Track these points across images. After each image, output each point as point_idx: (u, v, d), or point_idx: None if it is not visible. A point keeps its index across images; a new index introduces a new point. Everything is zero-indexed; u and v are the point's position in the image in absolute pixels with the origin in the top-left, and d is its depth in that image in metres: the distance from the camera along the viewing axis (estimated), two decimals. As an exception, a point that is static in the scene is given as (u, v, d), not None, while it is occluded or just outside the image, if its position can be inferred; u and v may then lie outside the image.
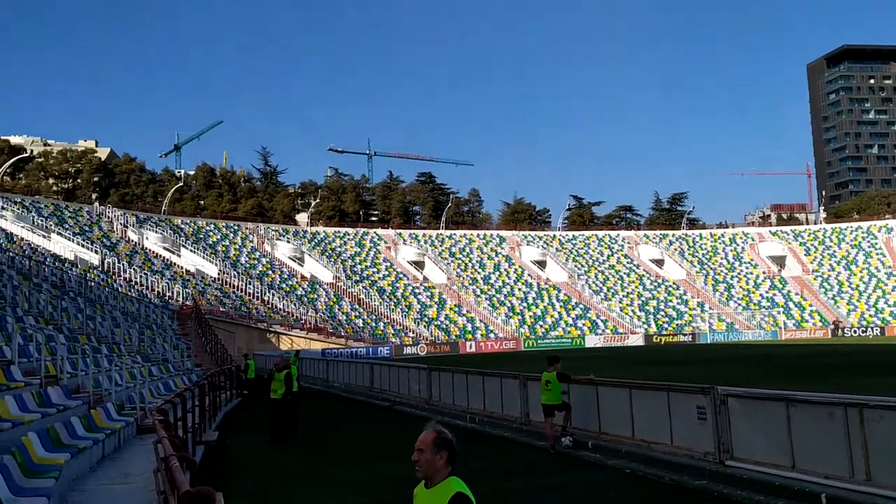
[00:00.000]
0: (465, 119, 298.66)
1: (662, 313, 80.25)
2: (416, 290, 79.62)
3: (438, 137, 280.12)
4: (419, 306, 75.94)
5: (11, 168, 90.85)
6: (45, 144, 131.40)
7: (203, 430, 15.46)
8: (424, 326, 71.30)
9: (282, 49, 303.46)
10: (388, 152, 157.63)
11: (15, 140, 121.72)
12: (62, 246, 58.33)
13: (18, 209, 62.92)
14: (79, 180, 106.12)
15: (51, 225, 62.31)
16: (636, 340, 71.27)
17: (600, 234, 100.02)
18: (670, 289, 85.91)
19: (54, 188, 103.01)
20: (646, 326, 76.69)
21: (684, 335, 73.78)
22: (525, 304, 79.53)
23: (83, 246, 60.39)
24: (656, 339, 72.13)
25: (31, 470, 8.16)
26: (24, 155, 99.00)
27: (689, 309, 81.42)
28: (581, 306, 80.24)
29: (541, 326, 75.19)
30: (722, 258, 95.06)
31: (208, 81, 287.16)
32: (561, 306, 79.83)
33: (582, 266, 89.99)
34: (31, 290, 28.44)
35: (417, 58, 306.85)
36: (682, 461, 11.44)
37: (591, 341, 70.60)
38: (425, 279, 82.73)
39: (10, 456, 7.80)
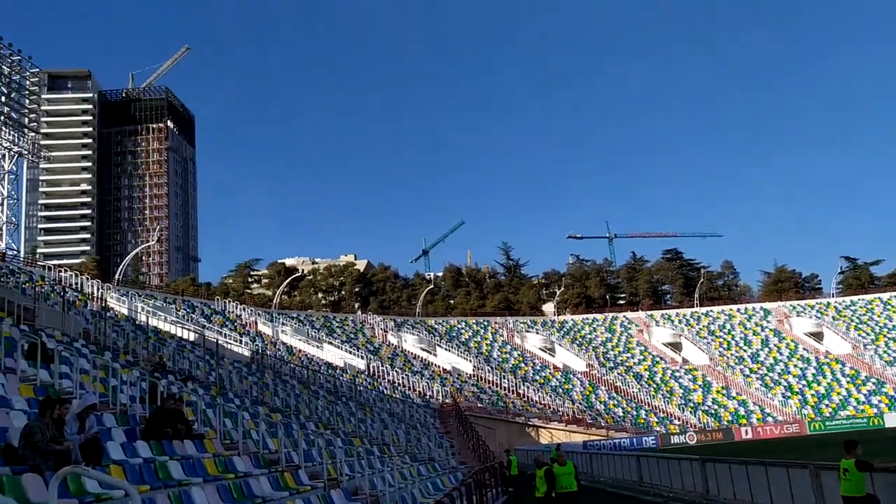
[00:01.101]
0: (707, 190, 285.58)
1: (982, 382, 67.44)
2: (677, 374, 74.96)
3: (680, 212, 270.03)
4: (682, 391, 71.18)
5: (288, 287, 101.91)
6: (312, 263, 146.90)
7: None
8: (691, 412, 66.38)
9: (516, 145, 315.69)
10: (629, 233, 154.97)
11: (289, 262, 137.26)
12: (333, 354, 63.25)
13: (295, 323, 69.68)
14: (343, 292, 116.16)
15: (322, 335, 68.06)
16: (952, 417, 60.21)
17: (884, 296, 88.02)
18: None
19: (323, 301, 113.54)
20: (962, 399, 64.76)
21: None
22: (804, 382, 71.26)
23: (350, 353, 64.97)
24: (979, 413, 60.39)
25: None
26: (297, 274, 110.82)
27: None
28: (873, 380, 70.09)
29: (826, 406, 66.60)
30: None
31: (453, 184, 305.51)
32: (848, 381, 70.37)
33: (868, 334, 79.27)
34: (310, 398, 30.64)
35: (651, 136, 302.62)
36: None
37: (893, 420, 60.86)
38: (685, 361, 77.78)
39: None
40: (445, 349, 72.65)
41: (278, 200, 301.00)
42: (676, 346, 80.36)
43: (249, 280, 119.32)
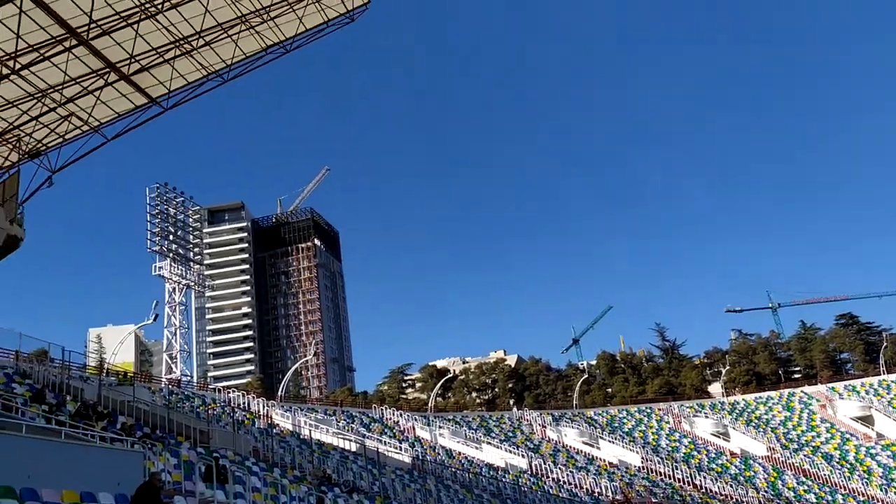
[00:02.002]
0: (877, 247, 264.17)
1: None
2: (872, 451, 67.14)
3: (851, 274, 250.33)
4: (881, 469, 63.45)
5: (441, 388, 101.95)
6: (463, 362, 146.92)
7: None
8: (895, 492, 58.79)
9: (659, 226, 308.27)
10: (794, 300, 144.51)
11: (440, 363, 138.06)
12: (493, 454, 61.66)
13: (452, 425, 68.95)
14: (496, 389, 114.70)
15: (480, 436, 66.79)
16: None
17: None
18: None
19: (477, 400, 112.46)
20: None
21: None
22: None
23: (510, 451, 63.12)
24: None
25: None
26: (449, 375, 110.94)
27: None
28: None
29: None
30: None
31: (598, 270, 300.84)
32: None
33: None
34: (473, 502, 29.51)
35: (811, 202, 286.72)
36: None
37: None
38: (879, 436, 69.71)
39: None
40: (609, 441, 69.11)
41: (425, 304, 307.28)
42: (867, 420, 72.39)
43: (403, 385, 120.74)
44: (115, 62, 33.49)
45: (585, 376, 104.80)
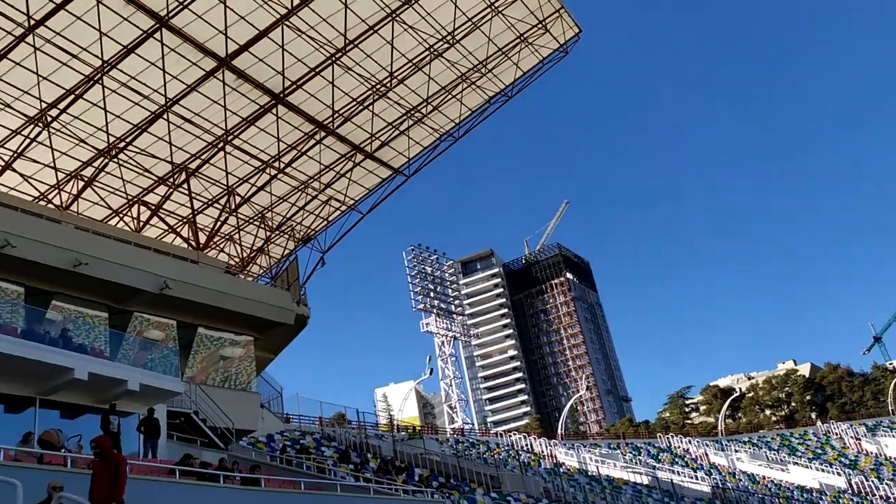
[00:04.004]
0: None
1: None
2: None
3: None
4: None
5: (729, 409, 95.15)
6: (748, 378, 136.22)
7: None
8: None
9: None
10: None
11: (723, 382, 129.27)
12: (803, 475, 55.74)
13: (749, 447, 63.65)
14: (792, 403, 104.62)
15: (783, 456, 60.87)
16: None
17: None
18: None
19: (773, 418, 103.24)
20: None
21: None
22: None
23: (822, 470, 56.65)
24: None
25: None
26: (736, 394, 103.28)
27: None
28: None
29: None
30: None
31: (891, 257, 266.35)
32: None
33: None
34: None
35: None
36: None
37: None
38: None
39: None
40: (944, 448, 59.49)
41: (692, 322, 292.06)
42: None
43: (686, 409, 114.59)
44: (359, 143, 36.49)
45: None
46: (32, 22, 24.81)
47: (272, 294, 32.82)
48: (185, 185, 33.11)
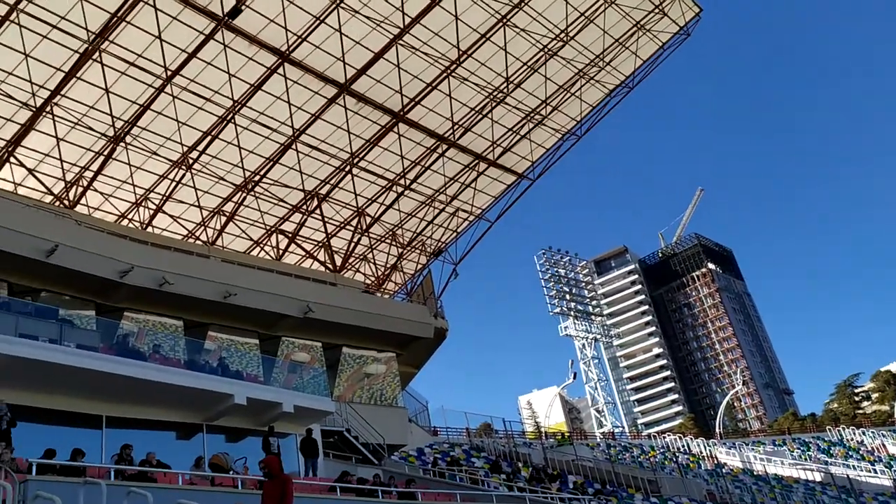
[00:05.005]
0: None
1: None
2: None
3: None
4: None
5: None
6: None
7: None
8: None
9: None
10: None
11: (895, 367, 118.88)
12: None
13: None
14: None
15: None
16: None
17: None
18: None
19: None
20: None
21: None
22: None
23: None
24: None
25: None
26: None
27: None
28: None
29: None
30: None
31: None
32: None
33: None
34: None
35: None
36: None
37: None
38: None
39: None
40: None
41: (854, 302, 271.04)
42: None
43: (856, 398, 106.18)
44: (481, 152, 36.48)
45: None
46: (169, 73, 26.54)
47: (410, 309, 33.29)
48: (317, 211, 34.25)
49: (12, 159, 27.26)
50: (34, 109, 26.10)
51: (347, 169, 33.55)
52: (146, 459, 14.13)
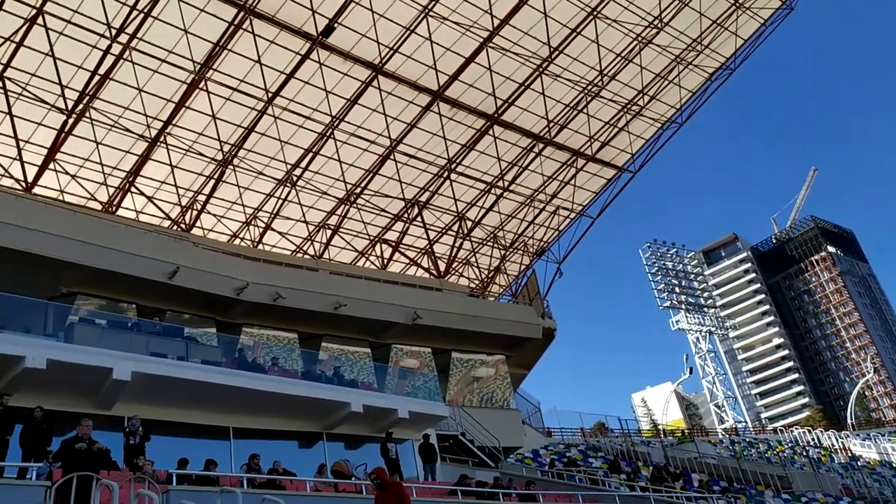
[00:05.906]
0: None
1: None
2: None
3: None
4: None
5: None
6: None
7: None
8: None
9: None
10: None
11: None
12: None
13: None
14: None
15: None
16: None
17: None
18: None
19: None
20: None
21: None
22: None
23: None
24: None
25: None
26: None
27: None
28: None
29: None
30: None
31: None
32: None
33: None
34: None
35: None
36: None
37: None
38: None
39: None
40: None
41: None
42: None
43: None
44: (579, 148, 35.94)
45: None
46: (270, 95, 27.57)
47: (516, 311, 33.13)
48: (419, 219, 34.65)
49: (133, 188, 28.98)
50: (150, 140, 27.68)
51: (445, 175, 33.78)
52: (273, 468, 14.64)
